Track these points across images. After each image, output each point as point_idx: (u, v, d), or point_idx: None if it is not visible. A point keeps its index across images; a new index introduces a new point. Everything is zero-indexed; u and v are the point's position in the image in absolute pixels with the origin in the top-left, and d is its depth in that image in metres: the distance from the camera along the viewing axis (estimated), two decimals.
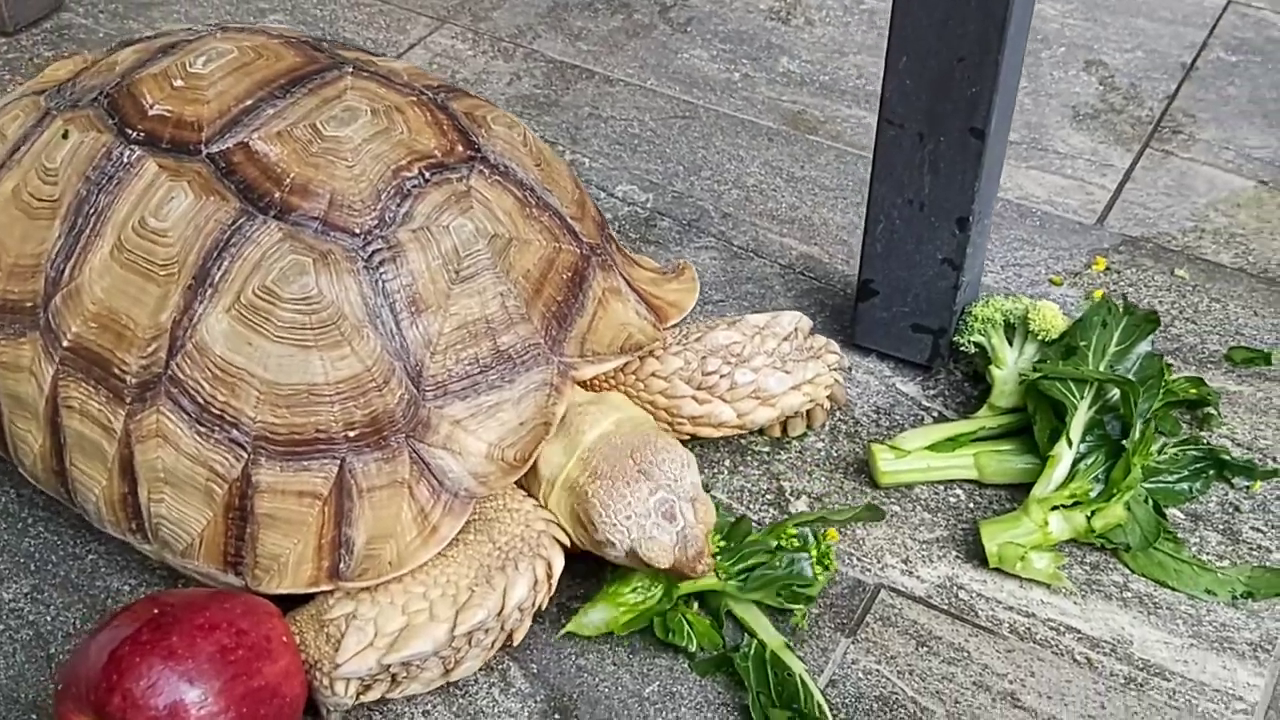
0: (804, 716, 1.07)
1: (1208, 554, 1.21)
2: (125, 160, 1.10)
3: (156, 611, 0.99)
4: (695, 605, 1.15)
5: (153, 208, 1.06)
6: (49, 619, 1.15)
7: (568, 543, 1.10)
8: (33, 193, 1.12)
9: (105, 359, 1.07)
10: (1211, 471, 1.26)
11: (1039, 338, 1.28)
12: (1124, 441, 1.21)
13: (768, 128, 1.66)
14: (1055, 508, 1.19)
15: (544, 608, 1.09)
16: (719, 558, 1.13)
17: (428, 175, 1.09)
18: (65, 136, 1.12)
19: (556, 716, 1.09)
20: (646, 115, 1.69)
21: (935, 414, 1.33)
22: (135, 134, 1.11)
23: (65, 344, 1.09)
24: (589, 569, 1.14)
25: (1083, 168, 1.61)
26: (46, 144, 1.13)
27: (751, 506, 1.24)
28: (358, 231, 1.05)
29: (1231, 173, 1.60)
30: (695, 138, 1.65)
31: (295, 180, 1.06)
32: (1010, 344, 1.30)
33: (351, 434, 1.04)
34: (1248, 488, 1.27)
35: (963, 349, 1.32)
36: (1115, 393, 1.22)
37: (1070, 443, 1.20)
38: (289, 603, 1.07)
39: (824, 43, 1.81)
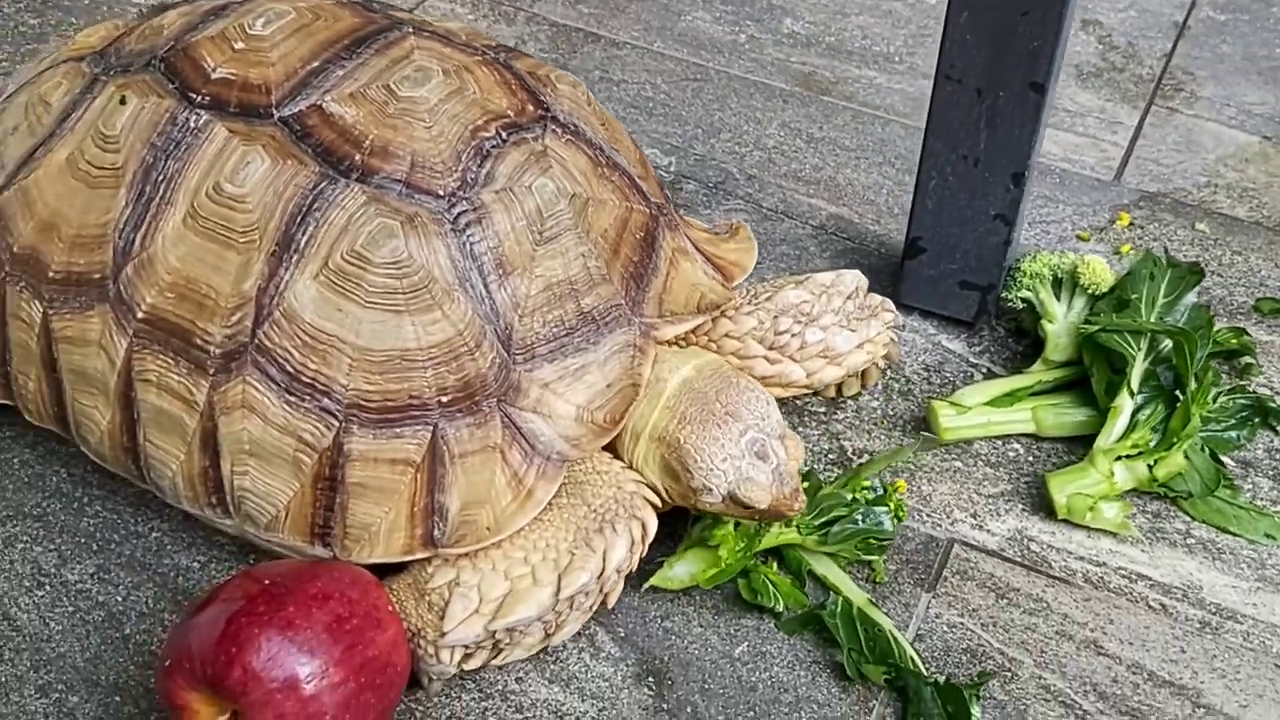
0: (899, 670, 1.08)
1: (1261, 499, 1.24)
2: (192, 125, 1.06)
3: (268, 583, 0.96)
4: (775, 565, 1.15)
5: (228, 173, 1.03)
6: (119, 599, 1.12)
7: (659, 502, 1.10)
8: (92, 161, 1.08)
9: (185, 330, 1.04)
10: (1257, 419, 1.28)
11: (1088, 291, 1.29)
12: (1178, 392, 1.23)
13: (781, 89, 1.66)
14: (1119, 458, 1.21)
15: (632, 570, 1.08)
16: None
17: (505, 135, 1.07)
18: (123, 102, 1.09)
19: (650, 679, 1.09)
20: (658, 78, 1.67)
21: (984, 370, 1.34)
22: (200, 98, 1.07)
23: (140, 315, 1.05)
24: (661, 531, 1.13)
25: (1093, 125, 1.63)
26: (102, 110, 1.10)
27: (815, 467, 1.25)
28: (442, 194, 1.03)
29: (1236, 129, 1.64)
30: (710, 100, 1.64)
31: (375, 142, 1.04)
32: (1058, 299, 1.31)
33: (444, 399, 1.02)
34: None
35: (1010, 305, 1.33)
36: (1166, 344, 1.24)
37: (1132, 393, 1.22)
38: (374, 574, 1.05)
39: (824, 3, 1.81)
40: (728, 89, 1.66)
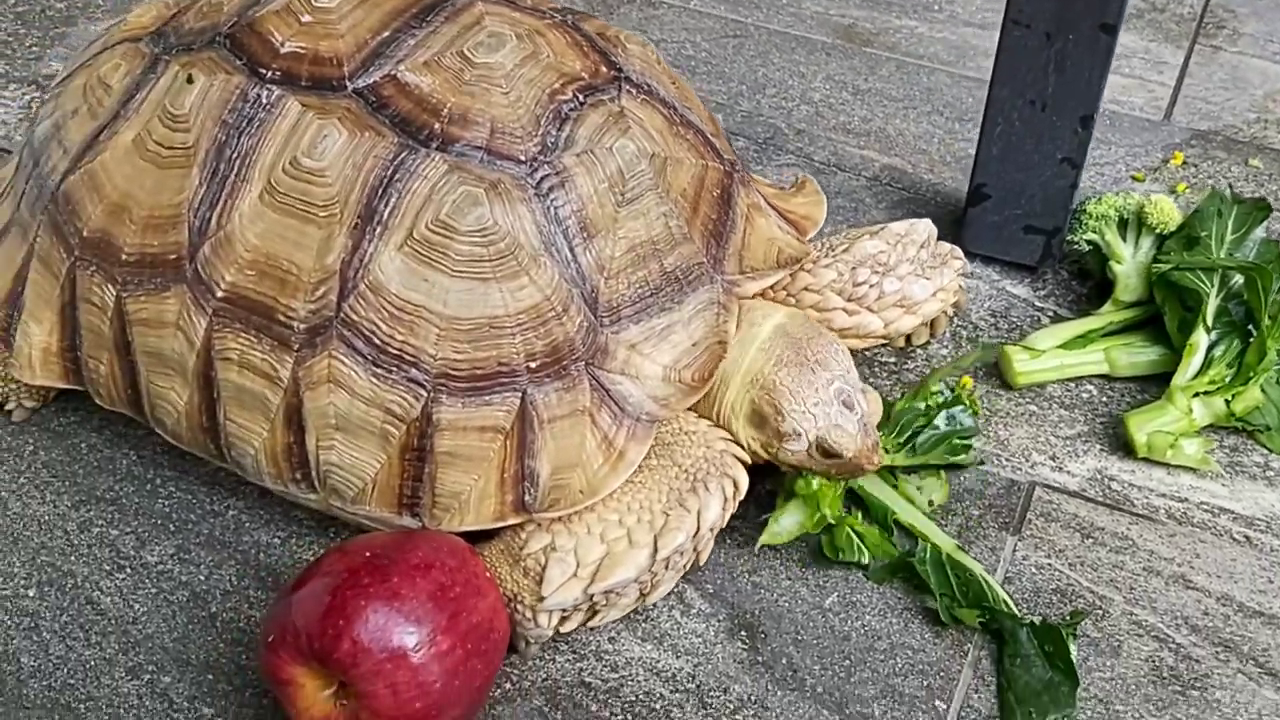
0: (993, 614, 1.08)
1: None
2: (264, 101, 1.05)
3: (369, 555, 0.96)
4: (860, 516, 1.15)
5: (304, 147, 1.02)
6: (202, 578, 1.11)
7: (747, 459, 1.09)
8: (161, 141, 1.07)
9: (268, 306, 1.03)
10: None
11: (1156, 230, 1.29)
12: (1251, 327, 1.23)
13: (823, 42, 1.65)
14: (1196, 394, 1.21)
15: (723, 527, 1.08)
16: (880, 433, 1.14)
17: (582, 98, 1.07)
18: (190, 81, 1.07)
19: (742, 633, 1.09)
20: (698, 36, 1.66)
21: (1050, 314, 1.33)
22: (270, 73, 1.06)
23: (219, 294, 1.04)
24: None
25: (1139, 66, 1.62)
26: (168, 90, 1.08)
27: None
28: (523, 159, 1.02)
29: None
30: (752, 56, 1.63)
31: (453, 110, 1.03)
32: (1124, 240, 1.31)
33: (533, 365, 1.02)
34: None
35: (1075, 248, 1.33)
36: (1237, 280, 1.24)
37: (1207, 330, 1.22)
38: None
39: None
40: (769, 44, 1.65)
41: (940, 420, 1.15)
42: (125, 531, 1.14)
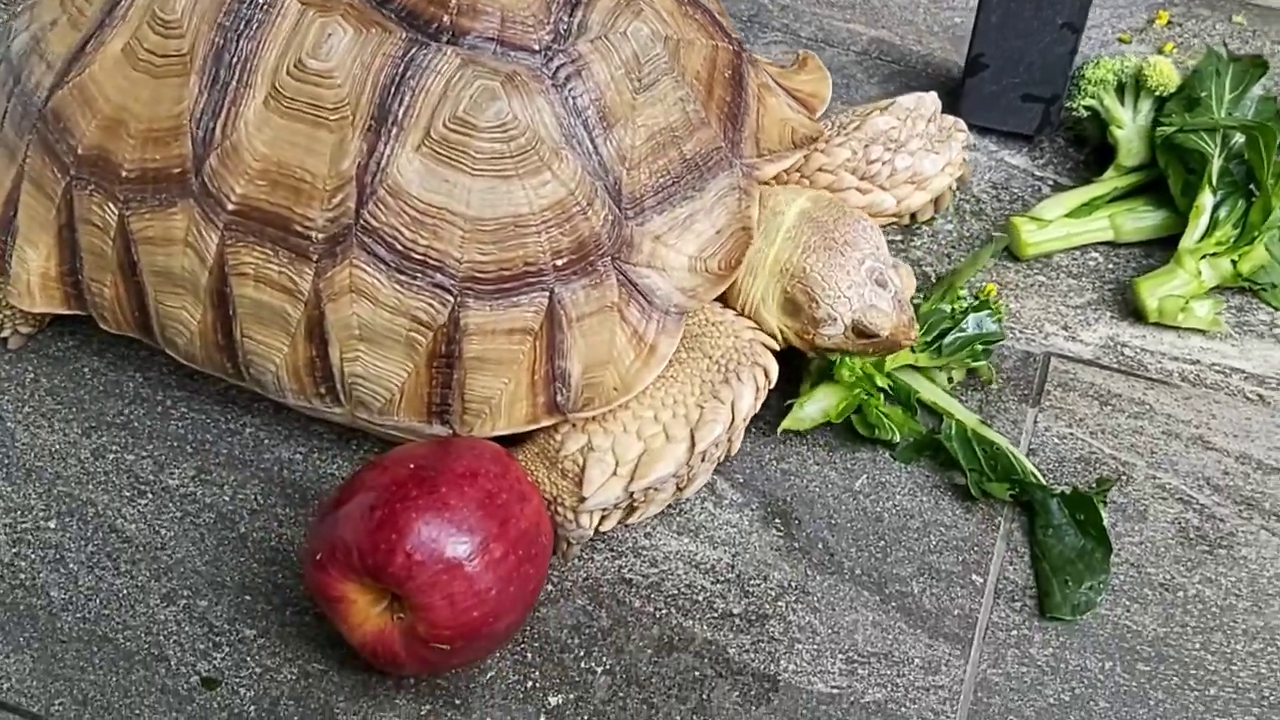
0: (1023, 485, 1.09)
1: None
2: (261, 0, 1.01)
3: (414, 467, 0.94)
4: (882, 398, 1.14)
5: (309, 48, 0.98)
6: (226, 498, 1.09)
7: (776, 346, 1.08)
8: (153, 49, 1.02)
9: (283, 217, 1.00)
10: None
11: (1156, 93, 1.28)
12: (1253, 186, 1.23)
13: None
14: (1204, 256, 1.21)
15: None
16: None
17: None
18: None
19: (777, 520, 1.09)
20: None
21: (1050, 183, 1.33)
22: None
23: (230, 207, 1.00)
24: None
25: None
26: None
27: None
28: (537, 48, 0.99)
29: None
30: None
31: (460, 1, 0.99)
32: (1123, 104, 1.30)
33: (559, 263, 0.99)
34: None
35: (1073, 114, 1.32)
36: (1236, 139, 1.24)
37: (1213, 191, 1.22)
38: None
39: None
40: None
41: (969, 324, 1.14)
42: (141, 456, 1.11)
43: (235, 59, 1.00)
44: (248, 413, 1.14)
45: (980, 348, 1.14)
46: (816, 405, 1.11)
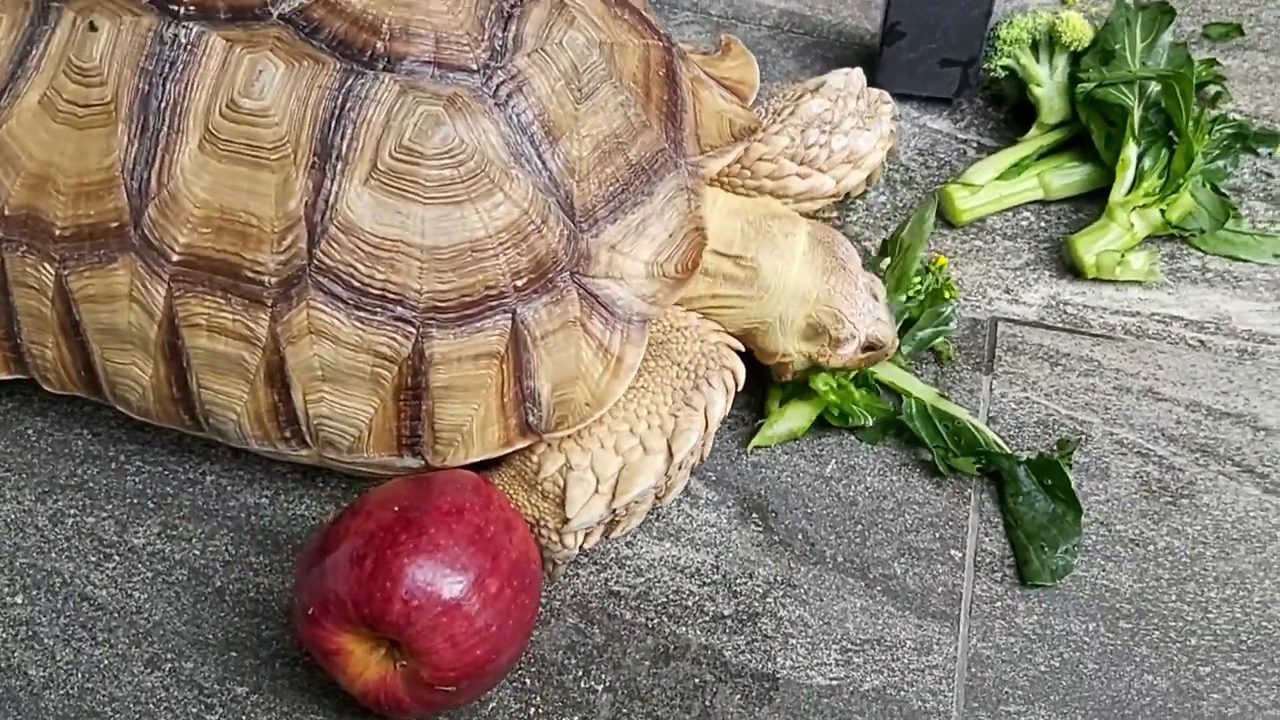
0: (989, 456, 1.10)
1: (1260, 223, 1.28)
2: (183, 40, 0.97)
3: (398, 509, 0.92)
4: (855, 391, 1.15)
5: (240, 87, 0.95)
6: (197, 552, 1.06)
7: (742, 349, 1.08)
8: (74, 99, 0.98)
9: (232, 264, 0.97)
10: (1239, 145, 1.32)
11: (1070, 48, 1.29)
12: (1172, 133, 1.25)
13: None
14: (1135, 208, 1.23)
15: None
16: None
17: None
18: (93, 28, 0.98)
19: (754, 515, 1.09)
20: None
21: (974, 144, 1.34)
22: (182, 9, 0.98)
23: (175, 258, 0.97)
24: None
25: None
26: (68, 41, 0.99)
27: None
28: (475, 68, 0.97)
29: None
30: None
31: (393, 25, 0.96)
32: (1038, 61, 1.31)
33: (519, 283, 0.98)
34: (1270, 154, 1.34)
35: (991, 74, 1.33)
36: (1154, 87, 1.26)
37: (1137, 142, 1.24)
38: None
39: None
40: None
41: (928, 316, 1.15)
42: (102, 517, 1.08)
43: (163, 104, 0.97)
44: (206, 460, 1.11)
45: (940, 331, 1.15)
46: (786, 425, 1.12)
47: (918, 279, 1.17)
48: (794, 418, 1.12)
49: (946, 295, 1.16)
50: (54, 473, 1.10)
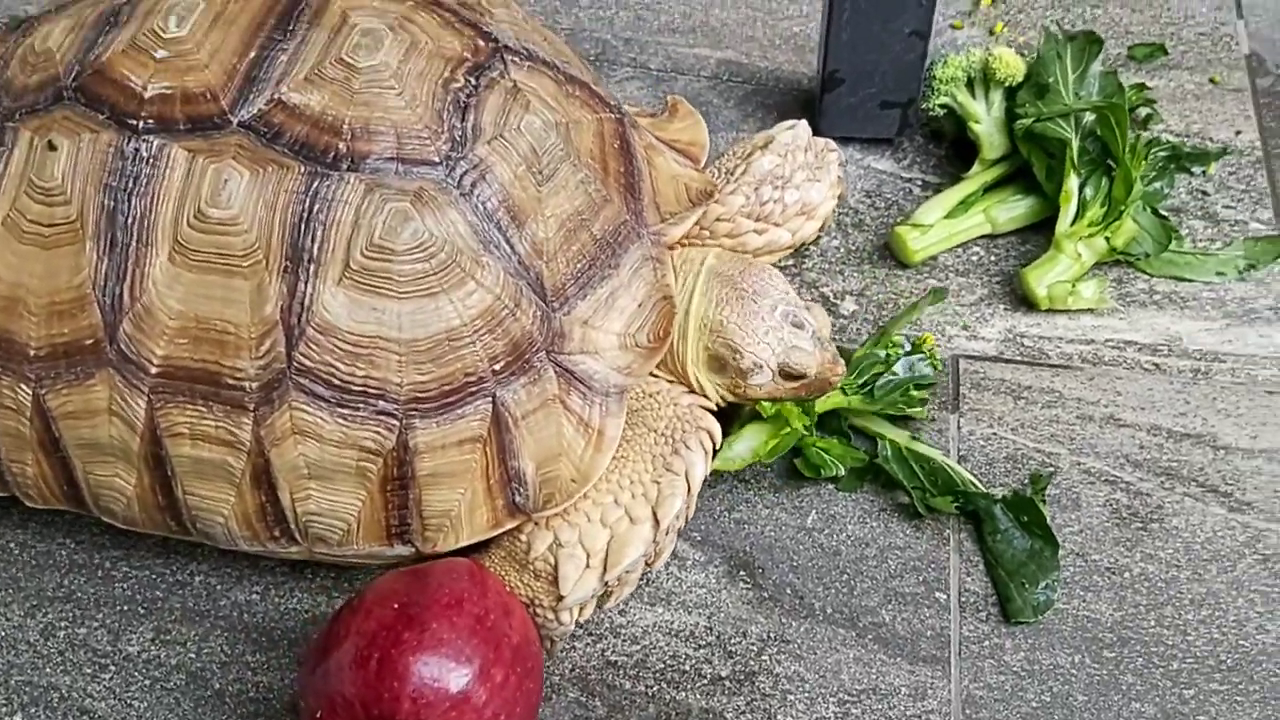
0: (966, 496, 1.13)
1: (1200, 241, 1.32)
2: (145, 154, 0.97)
3: (397, 606, 0.93)
4: (814, 433, 1.17)
5: (207, 196, 0.96)
6: (192, 655, 1.06)
7: (713, 406, 1.10)
8: (38, 219, 0.98)
9: (211, 372, 0.97)
10: (1173, 166, 1.35)
11: (1005, 83, 1.33)
12: (1110, 161, 1.29)
13: None
14: (1081, 238, 1.26)
15: None
16: None
17: (474, 80, 1.02)
18: (53, 147, 0.98)
19: (742, 572, 1.11)
20: None
21: (918, 182, 1.37)
22: (141, 123, 0.98)
23: (154, 371, 0.97)
24: None
25: None
26: (27, 162, 0.99)
27: None
28: (438, 160, 0.98)
29: None
30: None
31: (353, 124, 0.97)
32: (974, 97, 1.34)
33: (497, 367, 0.99)
34: (1204, 172, 1.37)
35: (931, 113, 1.36)
36: (1089, 116, 1.29)
37: (1079, 173, 1.27)
38: None
39: None
40: None
41: (900, 367, 1.17)
42: (94, 627, 1.07)
43: (130, 219, 0.97)
44: (193, 560, 1.11)
45: (914, 391, 1.17)
46: (745, 444, 1.13)
47: (898, 339, 1.18)
48: (750, 437, 1.13)
49: (927, 355, 1.18)
50: (41, 585, 1.10)
